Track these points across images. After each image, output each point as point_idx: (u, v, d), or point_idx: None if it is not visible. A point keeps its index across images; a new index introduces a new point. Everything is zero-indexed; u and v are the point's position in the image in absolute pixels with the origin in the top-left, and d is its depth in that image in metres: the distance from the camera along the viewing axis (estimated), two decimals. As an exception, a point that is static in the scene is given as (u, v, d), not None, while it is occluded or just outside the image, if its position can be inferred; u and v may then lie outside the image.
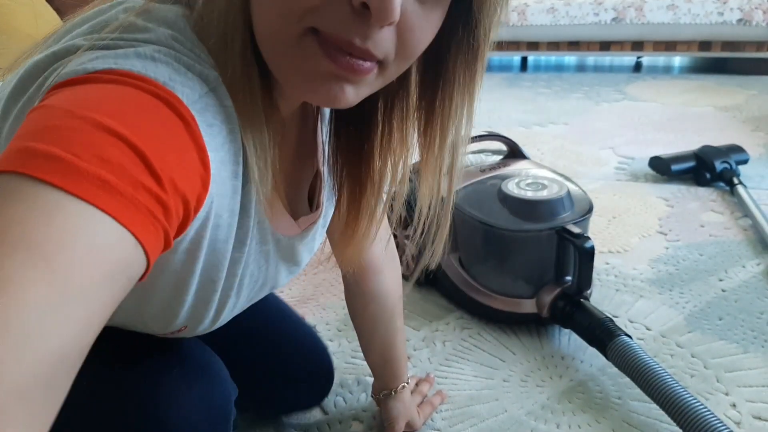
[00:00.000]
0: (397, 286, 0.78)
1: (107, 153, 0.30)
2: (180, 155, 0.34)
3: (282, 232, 0.53)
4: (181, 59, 0.38)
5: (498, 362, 0.99)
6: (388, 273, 0.76)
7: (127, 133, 0.31)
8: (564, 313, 0.98)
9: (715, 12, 2.94)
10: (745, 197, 1.49)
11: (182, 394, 0.53)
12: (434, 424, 0.86)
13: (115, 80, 0.34)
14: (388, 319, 0.78)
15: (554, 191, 1.04)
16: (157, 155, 0.32)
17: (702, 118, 2.34)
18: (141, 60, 0.36)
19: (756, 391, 0.90)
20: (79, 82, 0.34)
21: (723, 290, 1.17)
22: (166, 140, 0.33)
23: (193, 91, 0.37)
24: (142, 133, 0.32)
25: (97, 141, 0.30)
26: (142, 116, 0.33)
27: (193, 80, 0.37)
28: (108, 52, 0.36)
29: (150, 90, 0.34)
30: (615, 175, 1.81)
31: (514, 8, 3.22)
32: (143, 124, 0.32)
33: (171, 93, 0.35)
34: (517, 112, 2.57)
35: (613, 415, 0.87)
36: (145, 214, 0.31)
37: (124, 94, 0.33)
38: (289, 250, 0.56)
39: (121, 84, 0.34)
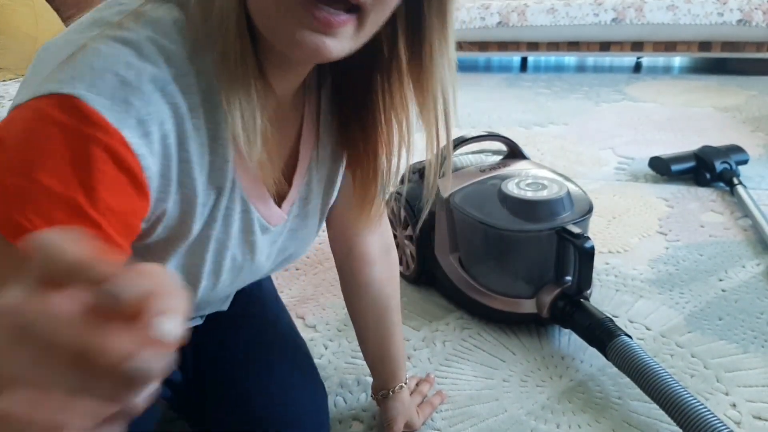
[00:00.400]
0: (391, 281, 0.80)
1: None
2: (113, 186, 0.39)
3: (270, 220, 0.56)
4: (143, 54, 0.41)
5: (498, 362, 0.99)
6: (381, 266, 0.78)
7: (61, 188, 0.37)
8: (564, 313, 0.98)
9: (714, 12, 2.94)
10: (744, 197, 1.49)
11: None
12: (434, 424, 0.86)
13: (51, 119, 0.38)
14: (381, 312, 0.79)
15: (554, 191, 1.04)
16: (93, 197, 0.38)
17: (702, 119, 2.34)
18: (90, 77, 0.39)
19: (756, 391, 0.90)
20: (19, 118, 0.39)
21: (723, 290, 1.17)
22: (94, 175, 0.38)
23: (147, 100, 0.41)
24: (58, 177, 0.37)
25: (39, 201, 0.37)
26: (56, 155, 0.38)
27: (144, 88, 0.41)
28: (66, 68, 0.39)
29: (76, 132, 0.38)
30: (615, 175, 1.81)
31: (514, 9, 3.22)
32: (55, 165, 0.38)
33: (101, 125, 0.38)
34: (517, 113, 2.57)
35: (613, 415, 0.87)
36: None
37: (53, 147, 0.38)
38: (277, 239, 0.59)
39: (56, 128, 0.38)
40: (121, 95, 0.39)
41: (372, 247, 0.76)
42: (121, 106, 0.39)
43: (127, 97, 0.39)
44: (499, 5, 3.25)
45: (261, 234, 0.56)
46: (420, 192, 1.19)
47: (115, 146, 0.39)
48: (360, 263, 0.77)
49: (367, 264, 0.77)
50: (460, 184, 1.12)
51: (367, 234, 0.75)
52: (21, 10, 1.71)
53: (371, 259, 0.77)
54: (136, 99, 0.40)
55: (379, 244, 0.77)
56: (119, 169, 0.39)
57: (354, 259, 0.76)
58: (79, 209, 0.38)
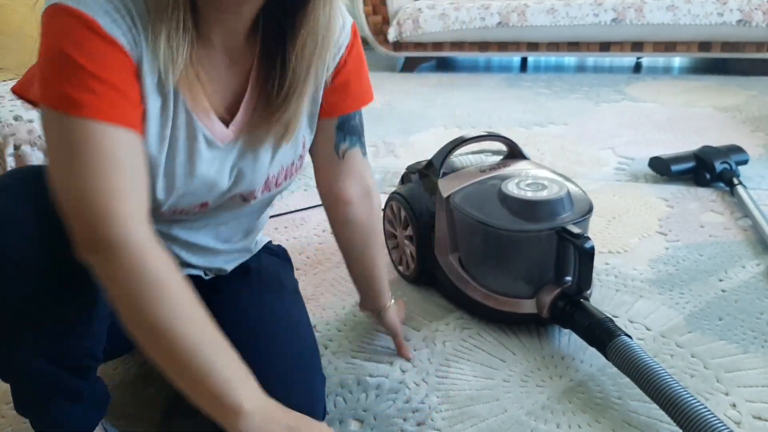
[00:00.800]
0: (369, 218, 0.93)
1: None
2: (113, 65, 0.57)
3: (215, 136, 0.69)
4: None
5: (498, 362, 0.99)
6: (360, 206, 0.90)
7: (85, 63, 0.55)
8: (564, 314, 0.99)
9: (714, 13, 2.94)
10: (744, 198, 1.49)
11: None
12: (434, 424, 0.86)
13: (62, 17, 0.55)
14: (362, 244, 0.94)
15: (554, 191, 1.04)
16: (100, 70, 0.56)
17: (702, 119, 2.34)
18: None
19: (756, 391, 0.90)
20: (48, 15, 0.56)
21: (723, 290, 1.17)
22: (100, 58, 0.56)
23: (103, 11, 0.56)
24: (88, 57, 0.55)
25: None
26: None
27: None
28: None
29: (79, 21, 0.55)
30: (615, 175, 1.81)
31: (513, 9, 3.22)
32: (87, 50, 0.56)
33: (85, 15, 0.55)
34: (516, 113, 2.57)
35: (613, 415, 0.87)
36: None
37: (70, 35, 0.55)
38: (227, 156, 0.71)
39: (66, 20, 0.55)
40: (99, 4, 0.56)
41: (349, 191, 0.89)
42: (98, 11, 0.56)
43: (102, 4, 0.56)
44: (499, 5, 3.25)
45: (207, 146, 0.68)
46: (419, 192, 1.19)
47: (100, 30, 0.55)
48: (339, 203, 0.90)
49: (346, 204, 0.90)
50: (460, 184, 1.12)
51: (343, 178, 0.88)
52: (21, 10, 1.71)
53: (349, 200, 0.89)
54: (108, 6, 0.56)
55: (356, 189, 0.89)
56: (107, 43, 0.56)
57: (334, 200, 0.90)
58: (92, 76, 0.55)
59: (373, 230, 0.94)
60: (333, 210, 0.92)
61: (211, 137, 0.68)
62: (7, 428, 0.89)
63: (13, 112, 1.22)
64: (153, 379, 0.97)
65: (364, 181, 0.91)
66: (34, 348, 0.63)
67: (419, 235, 1.18)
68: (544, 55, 3.35)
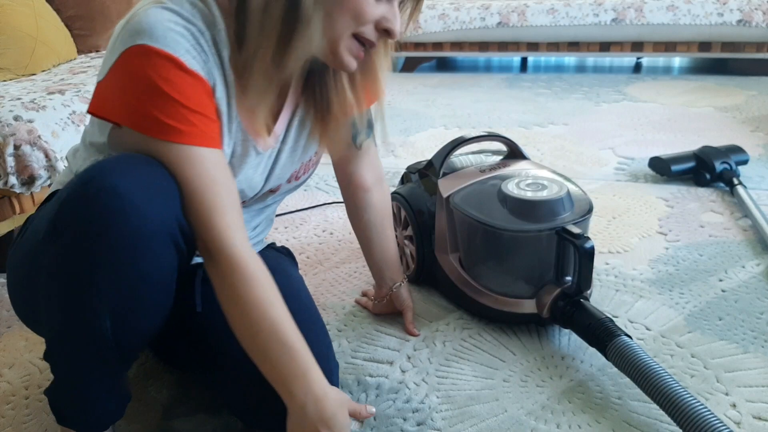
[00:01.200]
0: (384, 205, 1.05)
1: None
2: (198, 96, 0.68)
3: (260, 146, 0.79)
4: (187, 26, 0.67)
5: (498, 362, 0.99)
6: (375, 192, 1.02)
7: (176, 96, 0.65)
8: (564, 314, 0.98)
9: (714, 13, 2.94)
10: (744, 198, 1.49)
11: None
12: (434, 424, 0.86)
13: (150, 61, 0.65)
14: (379, 228, 1.04)
15: (554, 191, 1.04)
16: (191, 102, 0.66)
17: (702, 119, 2.34)
18: (162, 30, 0.64)
19: (756, 391, 0.90)
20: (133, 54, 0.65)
21: (723, 290, 1.17)
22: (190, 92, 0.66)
23: (187, 44, 0.67)
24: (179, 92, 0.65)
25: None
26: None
27: (185, 38, 0.66)
28: (144, 29, 0.64)
29: (167, 61, 0.65)
30: (615, 175, 1.81)
31: (514, 9, 3.22)
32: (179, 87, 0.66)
33: (172, 56, 0.65)
34: (516, 113, 2.57)
35: (613, 415, 0.87)
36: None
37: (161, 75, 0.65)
38: (266, 160, 0.82)
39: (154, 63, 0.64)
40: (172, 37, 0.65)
41: (366, 177, 1.01)
42: (174, 45, 0.65)
43: (175, 38, 0.65)
44: (499, 5, 3.25)
45: (255, 155, 0.80)
46: (419, 192, 1.19)
47: (185, 67, 0.65)
48: (359, 190, 1.01)
49: (363, 190, 1.01)
50: (460, 184, 1.12)
51: (360, 167, 1.00)
52: (21, 10, 1.71)
53: (366, 187, 1.01)
54: (182, 39, 0.66)
55: (371, 175, 1.01)
56: (192, 77, 0.66)
57: (354, 188, 1.01)
58: (184, 107, 0.65)
59: (388, 213, 1.06)
60: (353, 197, 1.02)
61: (258, 148, 0.79)
62: (7, 428, 0.89)
63: (13, 112, 1.22)
64: (153, 379, 0.97)
65: (378, 169, 1.03)
66: (114, 317, 0.66)
67: (419, 235, 1.18)
68: (544, 55, 3.35)
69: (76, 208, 0.62)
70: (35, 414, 0.92)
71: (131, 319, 0.68)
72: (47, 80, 1.59)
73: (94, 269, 0.62)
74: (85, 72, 1.69)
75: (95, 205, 0.61)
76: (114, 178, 0.61)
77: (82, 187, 0.62)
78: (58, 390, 0.73)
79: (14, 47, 1.68)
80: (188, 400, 0.93)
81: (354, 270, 1.32)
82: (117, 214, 0.61)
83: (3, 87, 1.50)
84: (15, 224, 1.29)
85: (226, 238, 0.68)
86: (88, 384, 0.70)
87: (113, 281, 0.63)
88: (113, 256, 0.62)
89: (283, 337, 0.69)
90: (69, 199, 0.62)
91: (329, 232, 1.50)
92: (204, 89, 0.68)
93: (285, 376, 0.70)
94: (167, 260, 0.67)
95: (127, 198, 0.61)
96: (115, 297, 0.64)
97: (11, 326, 1.15)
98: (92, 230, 0.61)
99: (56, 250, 0.64)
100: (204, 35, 0.68)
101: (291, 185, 0.91)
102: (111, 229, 0.61)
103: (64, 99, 1.36)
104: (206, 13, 0.69)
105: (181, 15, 0.66)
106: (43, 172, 1.22)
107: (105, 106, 0.67)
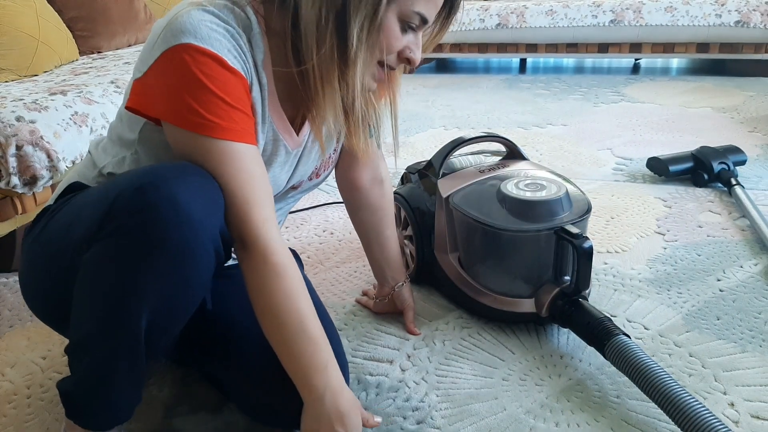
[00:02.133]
0: (382, 205, 1.05)
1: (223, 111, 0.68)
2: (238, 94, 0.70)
3: (290, 145, 0.83)
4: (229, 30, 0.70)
5: (497, 361, 1.00)
6: (371, 192, 1.04)
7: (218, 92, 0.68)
8: (563, 313, 0.99)
9: (713, 14, 2.95)
10: (742, 198, 1.50)
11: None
12: (434, 422, 0.87)
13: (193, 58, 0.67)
14: (376, 228, 1.06)
15: (553, 192, 1.04)
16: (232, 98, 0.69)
17: (700, 119, 2.35)
18: (206, 31, 0.67)
19: (754, 390, 0.90)
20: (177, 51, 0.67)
21: (721, 290, 1.17)
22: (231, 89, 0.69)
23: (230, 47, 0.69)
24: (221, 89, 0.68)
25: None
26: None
27: (227, 39, 0.69)
28: (190, 29, 0.67)
29: (210, 59, 0.67)
30: (613, 175, 1.82)
31: (513, 10, 3.23)
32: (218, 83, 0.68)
33: (216, 54, 0.67)
34: (515, 114, 2.58)
35: (611, 413, 0.87)
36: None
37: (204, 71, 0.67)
38: (293, 158, 0.86)
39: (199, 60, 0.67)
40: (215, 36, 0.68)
41: (361, 177, 1.02)
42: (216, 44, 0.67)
43: (217, 38, 0.68)
44: (498, 7, 3.26)
45: (285, 154, 0.83)
46: (419, 192, 1.20)
47: (227, 65, 0.68)
48: (352, 189, 1.03)
49: (357, 190, 1.03)
50: (459, 185, 1.13)
51: (355, 167, 1.01)
52: (23, 12, 1.71)
53: (361, 186, 1.03)
54: (224, 39, 0.68)
55: (368, 175, 1.03)
56: (234, 75, 0.69)
57: (348, 186, 1.03)
58: (226, 104, 0.67)
59: (387, 213, 1.07)
60: (348, 196, 1.05)
61: (288, 147, 0.83)
62: (9, 427, 0.90)
63: (15, 112, 1.22)
64: (155, 377, 0.98)
65: (378, 170, 1.04)
66: (152, 312, 0.67)
67: (419, 235, 1.18)
68: (542, 56, 3.36)
69: (132, 212, 0.62)
70: (37, 413, 0.92)
71: (166, 322, 0.69)
72: (49, 81, 1.60)
73: (141, 274, 0.63)
74: (87, 73, 1.70)
75: (153, 212, 0.61)
76: (172, 187, 0.62)
77: (138, 191, 0.62)
78: (75, 385, 0.73)
79: (16, 48, 1.68)
80: (190, 399, 0.94)
81: (354, 269, 1.32)
82: (175, 225, 0.62)
83: (5, 88, 1.50)
84: (17, 224, 1.30)
85: (264, 231, 0.70)
86: (110, 383, 0.71)
87: (157, 286, 0.64)
88: (163, 262, 0.63)
89: (309, 330, 0.71)
90: (124, 203, 0.63)
91: (329, 232, 1.51)
92: (243, 86, 0.70)
93: (306, 368, 0.72)
94: (208, 267, 0.68)
95: (185, 210, 0.62)
96: (155, 301, 0.65)
97: (13, 326, 1.16)
98: (146, 236, 0.62)
99: (104, 248, 0.64)
100: (242, 37, 0.71)
101: (312, 183, 0.94)
102: (167, 238, 0.62)
103: (66, 100, 1.36)
104: (243, 17, 0.72)
105: (219, 17, 0.69)
106: (45, 172, 1.23)
107: (145, 102, 0.69)
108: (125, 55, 2.03)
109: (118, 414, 0.75)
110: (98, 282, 0.65)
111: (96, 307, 0.66)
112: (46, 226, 0.78)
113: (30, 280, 0.80)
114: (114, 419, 0.76)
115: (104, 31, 2.18)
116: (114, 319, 0.66)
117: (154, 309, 0.66)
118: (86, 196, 0.73)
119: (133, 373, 0.71)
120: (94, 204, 0.68)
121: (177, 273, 0.65)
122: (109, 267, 0.64)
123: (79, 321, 0.69)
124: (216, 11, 0.69)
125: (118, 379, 0.71)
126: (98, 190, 0.71)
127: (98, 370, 0.70)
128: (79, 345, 0.70)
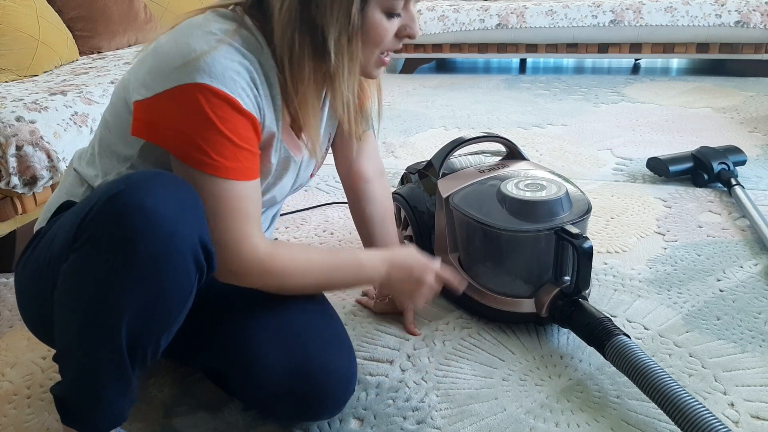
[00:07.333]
0: (385, 198, 1.07)
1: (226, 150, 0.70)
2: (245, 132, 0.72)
3: (297, 156, 0.85)
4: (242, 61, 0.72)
5: (497, 361, 1.00)
6: (377, 183, 1.06)
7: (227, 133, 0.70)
8: (563, 313, 0.99)
9: (713, 14, 2.95)
10: (742, 198, 1.50)
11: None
12: (434, 422, 0.87)
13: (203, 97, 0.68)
14: (380, 221, 1.07)
15: (553, 192, 1.04)
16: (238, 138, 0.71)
17: (700, 120, 2.35)
18: (222, 70, 0.68)
19: (754, 391, 0.91)
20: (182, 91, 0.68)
21: (721, 290, 1.17)
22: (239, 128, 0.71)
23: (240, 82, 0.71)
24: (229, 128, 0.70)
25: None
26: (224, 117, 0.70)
27: (241, 75, 0.71)
28: (202, 66, 0.68)
29: (219, 98, 0.69)
30: (613, 175, 1.82)
31: (513, 11, 3.23)
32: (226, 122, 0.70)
33: (230, 97, 0.69)
34: (515, 114, 2.58)
35: (611, 413, 0.87)
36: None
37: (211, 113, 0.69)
38: (299, 166, 0.88)
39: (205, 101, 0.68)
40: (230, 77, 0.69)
41: (366, 168, 1.04)
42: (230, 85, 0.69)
43: (233, 77, 0.69)
44: (498, 7, 3.26)
45: (294, 165, 0.86)
46: (419, 192, 1.20)
47: (240, 107, 0.69)
48: (360, 181, 1.04)
49: (365, 181, 1.04)
50: (459, 185, 1.13)
51: (360, 158, 1.03)
52: (23, 12, 1.71)
53: (368, 177, 1.04)
54: (239, 78, 0.70)
55: (373, 167, 1.05)
56: (245, 117, 0.71)
57: (355, 179, 1.04)
58: (234, 145, 0.70)
59: (390, 206, 1.09)
60: (354, 188, 1.05)
61: (296, 158, 0.86)
62: (9, 427, 0.90)
63: (15, 112, 1.22)
64: (154, 377, 0.98)
65: (378, 160, 1.06)
66: (133, 320, 0.66)
67: (419, 235, 1.18)
68: (542, 56, 3.36)
69: (102, 221, 0.61)
70: (37, 413, 0.92)
71: (148, 332, 0.68)
72: (49, 81, 1.60)
73: (116, 284, 0.62)
74: (87, 73, 1.70)
75: (122, 221, 0.61)
76: (142, 195, 0.61)
77: (109, 200, 0.61)
78: (66, 390, 0.73)
79: (16, 48, 1.68)
80: (190, 399, 0.94)
81: (354, 270, 1.32)
82: (143, 233, 0.61)
83: (5, 88, 1.50)
84: (17, 224, 1.30)
85: (256, 257, 0.74)
86: (98, 388, 0.71)
87: (134, 296, 0.63)
88: (136, 272, 0.62)
89: (333, 264, 0.82)
90: (95, 211, 0.62)
91: (329, 232, 1.51)
92: (254, 127, 0.73)
93: (358, 280, 0.87)
94: (187, 278, 0.67)
95: (153, 217, 0.61)
96: (134, 311, 0.64)
97: (13, 326, 1.16)
98: (116, 246, 0.61)
99: (78, 259, 0.63)
100: (254, 65, 0.72)
101: (308, 181, 0.98)
102: (136, 246, 0.61)
103: (66, 100, 1.36)
104: (252, 41, 0.73)
105: (233, 46, 0.70)
106: (45, 172, 1.23)
107: (154, 133, 0.70)
108: (125, 55, 2.03)
109: (113, 417, 0.75)
110: (74, 293, 0.65)
111: (75, 318, 0.66)
112: (36, 246, 0.78)
113: (23, 300, 0.80)
114: (109, 422, 0.75)
115: (104, 31, 2.18)
116: (92, 330, 0.65)
117: (134, 319, 0.65)
118: (71, 211, 0.73)
119: (121, 381, 0.70)
120: (73, 215, 0.67)
121: (153, 282, 0.63)
122: (83, 278, 0.63)
123: (61, 332, 0.68)
124: (228, 39, 0.70)
125: (105, 387, 0.70)
126: (81, 202, 0.70)
127: (85, 379, 0.70)
128: (64, 355, 0.70)
